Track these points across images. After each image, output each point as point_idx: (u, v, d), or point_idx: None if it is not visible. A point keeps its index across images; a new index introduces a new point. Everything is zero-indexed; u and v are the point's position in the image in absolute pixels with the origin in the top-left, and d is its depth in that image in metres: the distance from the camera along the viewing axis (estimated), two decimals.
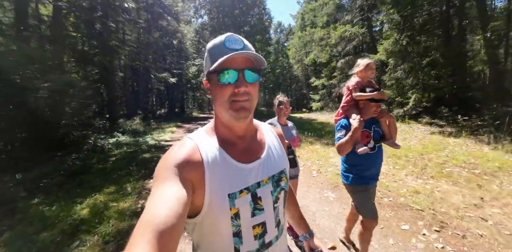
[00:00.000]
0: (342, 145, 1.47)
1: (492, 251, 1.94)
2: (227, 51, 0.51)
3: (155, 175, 0.49)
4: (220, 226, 0.53)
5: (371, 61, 1.60)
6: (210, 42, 0.56)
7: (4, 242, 2.12)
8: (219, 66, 0.50)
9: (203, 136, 0.59)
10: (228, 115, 0.55)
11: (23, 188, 3.13)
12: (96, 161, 4.48)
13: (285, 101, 2.06)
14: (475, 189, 3.02)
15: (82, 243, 2.10)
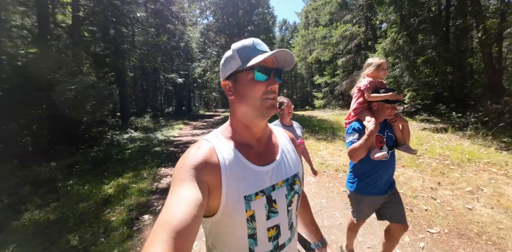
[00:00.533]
0: (355, 150, 1.33)
1: (430, 221, 2.46)
2: (260, 52, 0.55)
3: (174, 176, 0.50)
4: (235, 228, 0.54)
5: (383, 61, 1.49)
6: (236, 44, 0.57)
7: (52, 210, 2.81)
8: (260, 63, 0.53)
9: (220, 138, 0.59)
10: (257, 113, 0.57)
11: (60, 172, 3.85)
12: (114, 153, 5.21)
13: (285, 101, 2.03)
14: (437, 176, 3.51)
15: (112, 211, 2.76)
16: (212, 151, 0.55)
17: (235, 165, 0.55)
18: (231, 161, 0.55)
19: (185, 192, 0.45)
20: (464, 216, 2.45)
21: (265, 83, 0.55)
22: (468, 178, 3.36)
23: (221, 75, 0.61)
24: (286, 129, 1.93)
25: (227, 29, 17.54)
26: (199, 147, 0.55)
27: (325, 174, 3.95)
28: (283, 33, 47.38)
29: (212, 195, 0.51)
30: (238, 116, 0.61)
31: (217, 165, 0.53)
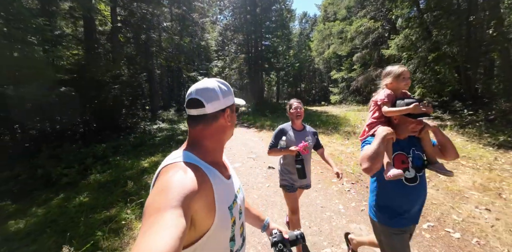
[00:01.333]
0: (366, 157, 1.08)
1: None
2: (242, 100, 0.80)
3: (158, 198, 0.46)
4: (223, 236, 0.60)
5: (404, 69, 1.23)
6: (225, 83, 0.71)
7: (108, 175, 4.06)
8: (237, 104, 0.75)
9: (196, 159, 0.61)
10: (230, 135, 0.73)
11: (109, 151, 5.19)
12: (147, 139, 6.55)
13: (295, 103, 1.91)
14: None
15: (148, 177, 3.93)
16: (202, 173, 0.57)
17: (219, 182, 0.61)
18: (215, 179, 0.60)
19: (172, 220, 0.42)
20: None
21: None
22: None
23: (221, 104, 0.65)
24: (296, 134, 1.84)
25: (244, 27, 18.30)
26: (186, 171, 0.54)
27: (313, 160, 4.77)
28: (303, 26, 46.44)
29: (204, 217, 0.53)
30: (223, 138, 0.69)
31: (210, 186, 0.57)
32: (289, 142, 1.85)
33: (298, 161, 1.75)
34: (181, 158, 0.59)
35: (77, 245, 2.05)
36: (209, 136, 0.66)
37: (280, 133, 1.91)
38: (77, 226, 2.47)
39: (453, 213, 2.57)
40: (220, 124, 0.66)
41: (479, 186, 3.14)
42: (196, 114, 0.64)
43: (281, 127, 1.94)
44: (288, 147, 1.80)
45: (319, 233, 2.34)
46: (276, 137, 1.92)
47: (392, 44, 11.58)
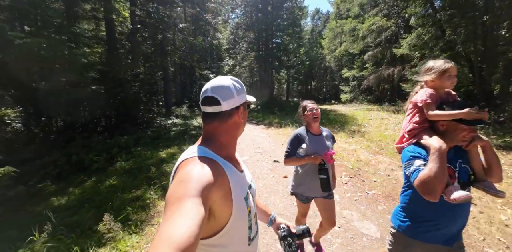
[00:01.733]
0: (431, 180, 0.88)
1: (382, 190, 3.48)
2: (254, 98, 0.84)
3: (178, 189, 0.49)
4: (242, 225, 0.65)
5: (451, 65, 1.08)
6: (238, 81, 0.73)
7: (131, 163, 4.58)
8: (251, 101, 0.80)
9: (212, 154, 0.65)
10: (241, 133, 0.76)
11: (131, 142, 5.75)
12: (163, 133, 7.10)
13: (310, 104, 1.73)
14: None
15: (166, 166, 4.40)
16: (218, 166, 0.61)
17: (234, 174, 0.65)
18: (231, 172, 0.64)
19: (192, 208, 0.44)
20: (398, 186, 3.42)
21: None
22: None
23: (236, 101, 0.69)
24: (314, 140, 1.65)
25: (255, 25, 18.53)
26: (203, 165, 0.57)
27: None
28: (315, 23, 45.82)
29: (222, 207, 0.57)
30: (236, 134, 0.74)
31: (226, 178, 0.61)
32: (309, 150, 1.63)
33: (322, 170, 1.54)
34: (197, 153, 0.63)
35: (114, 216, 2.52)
36: (224, 132, 0.69)
37: (297, 139, 1.69)
38: (110, 202, 2.95)
39: None
40: (234, 121, 0.70)
41: None
42: (211, 111, 0.67)
43: (297, 133, 1.72)
44: (308, 155, 1.61)
45: (315, 216, 2.68)
46: (292, 144, 1.70)
47: (404, 43, 11.47)
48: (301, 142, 1.68)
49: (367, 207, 2.88)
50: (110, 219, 2.20)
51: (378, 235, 2.31)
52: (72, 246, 2.06)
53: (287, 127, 8.51)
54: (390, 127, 7.87)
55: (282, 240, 0.81)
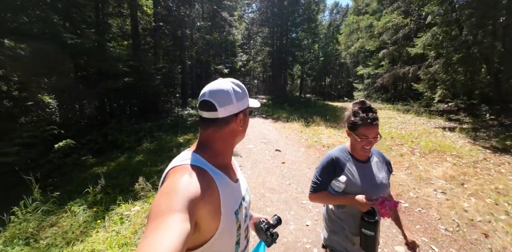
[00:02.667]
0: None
1: None
2: (258, 102, 0.77)
3: (162, 201, 0.46)
4: (229, 241, 0.60)
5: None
6: (239, 85, 0.68)
7: (155, 144, 5.39)
8: (254, 108, 0.74)
9: (203, 162, 0.61)
10: (240, 140, 0.71)
11: (153, 128, 6.60)
12: (181, 122, 7.92)
13: (366, 128, 1.00)
14: (396, 158, 4.79)
15: (184, 148, 5.16)
16: (209, 177, 0.57)
17: (225, 186, 0.60)
18: (222, 183, 0.59)
19: (176, 224, 0.41)
20: None
21: None
22: (416, 160, 4.55)
23: (234, 108, 0.63)
24: (361, 169, 1.09)
25: (270, 20, 18.76)
26: (192, 175, 0.53)
27: (314, 147, 5.62)
28: (334, 17, 44.71)
29: (209, 222, 0.53)
30: (234, 142, 0.69)
31: (217, 192, 0.56)
32: (351, 185, 1.07)
33: (369, 224, 0.98)
34: (189, 160, 0.59)
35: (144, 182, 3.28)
36: (219, 139, 0.65)
37: (332, 166, 1.12)
38: (140, 172, 3.73)
39: (411, 192, 3.31)
40: (232, 128, 0.65)
41: (448, 177, 3.76)
42: (207, 117, 0.63)
43: (332, 156, 1.14)
44: (349, 194, 1.05)
45: (301, 192, 3.29)
46: (323, 172, 1.14)
47: (418, 42, 11.34)
48: (338, 171, 1.10)
49: None
50: (143, 181, 2.95)
51: None
52: (117, 197, 2.84)
53: (293, 122, 9.02)
54: (394, 125, 8.14)
55: (265, 232, 0.85)
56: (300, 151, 5.35)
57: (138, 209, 2.68)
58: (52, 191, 2.75)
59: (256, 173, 4.00)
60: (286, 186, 3.48)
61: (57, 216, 2.50)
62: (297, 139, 6.42)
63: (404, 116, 10.78)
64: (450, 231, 2.42)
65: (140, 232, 2.25)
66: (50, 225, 2.41)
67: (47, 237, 2.24)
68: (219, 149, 0.66)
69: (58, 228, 2.38)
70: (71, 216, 2.55)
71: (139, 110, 8.36)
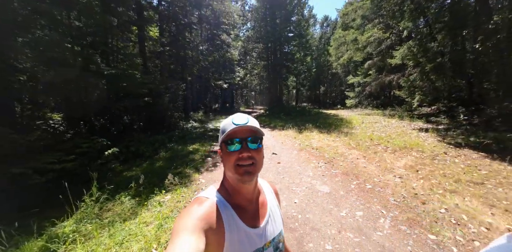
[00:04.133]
0: None
1: (343, 170, 4.93)
2: (233, 125, 0.63)
3: (176, 226, 0.53)
4: None
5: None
6: (222, 122, 0.68)
7: (169, 153, 6.33)
8: (227, 136, 0.63)
9: (218, 196, 0.64)
10: (235, 178, 0.63)
11: (165, 140, 7.56)
12: (187, 134, 8.90)
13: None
14: (371, 154, 5.75)
15: (194, 155, 6.10)
16: (215, 208, 0.60)
17: (233, 224, 0.60)
18: (230, 220, 0.60)
19: (189, 241, 0.47)
20: (359, 168, 4.85)
21: (236, 153, 0.62)
22: (386, 156, 5.51)
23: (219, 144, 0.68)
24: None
25: (264, 37, 20.43)
26: (202, 203, 0.59)
27: (305, 150, 6.57)
28: (324, 30, 47.32)
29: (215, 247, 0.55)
30: (227, 179, 0.68)
31: (221, 220, 0.59)
32: None
33: None
34: (207, 193, 0.66)
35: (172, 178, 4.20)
36: (224, 175, 0.69)
37: None
38: (163, 174, 4.65)
39: (376, 178, 4.25)
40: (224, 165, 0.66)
41: (408, 166, 4.72)
42: None
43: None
44: None
45: (292, 182, 4.21)
46: None
47: (397, 54, 12.71)
48: None
49: (328, 178, 4.37)
50: (172, 177, 3.88)
51: (327, 190, 3.81)
52: (153, 189, 3.77)
53: (288, 129, 10.03)
54: (376, 129, 9.16)
55: None
56: (293, 153, 6.30)
57: (169, 197, 3.60)
58: (105, 186, 3.67)
59: None
60: (280, 179, 4.41)
61: (112, 204, 3.42)
62: (291, 144, 7.40)
63: (389, 120, 11.82)
64: (398, 201, 3.34)
65: (175, 211, 3.15)
66: (108, 209, 3.33)
67: (107, 217, 3.15)
68: (225, 185, 0.69)
69: (113, 212, 3.29)
70: (120, 204, 3.47)
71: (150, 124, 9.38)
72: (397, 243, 2.46)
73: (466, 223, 2.75)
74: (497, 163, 4.83)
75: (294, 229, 2.75)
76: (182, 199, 3.53)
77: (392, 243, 2.44)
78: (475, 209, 3.02)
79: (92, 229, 2.70)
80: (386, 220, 2.89)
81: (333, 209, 3.19)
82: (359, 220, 2.91)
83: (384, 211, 3.09)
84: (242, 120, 0.65)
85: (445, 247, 2.38)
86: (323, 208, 3.23)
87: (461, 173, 4.26)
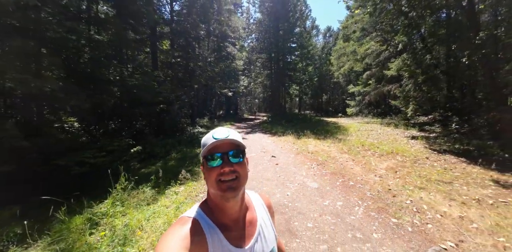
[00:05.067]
0: None
1: (332, 171, 5.59)
2: (213, 139, 0.61)
3: (158, 248, 0.52)
4: None
5: None
6: (203, 137, 0.66)
7: (179, 155, 7.09)
8: (207, 152, 0.61)
9: (201, 215, 0.62)
10: (217, 196, 0.61)
11: (176, 143, 8.33)
12: (194, 138, 9.68)
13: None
14: (357, 156, 6.39)
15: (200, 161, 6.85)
16: (198, 226, 0.59)
17: (218, 244, 0.59)
18: (215, 240, 0.59)
19: None
20: (346, 169, 5.50)
21: (218, 168, 0.60)
22: (372, 159, 6.14)
23: None
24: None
25: (267, 48, 21.59)
26: (185, 223, 0.58)
27: (301, 154, 7.25)
28: (327, 40, 48.81)
29: None
30: (211, 197, 0.65)
31: (205, 240, 0.57)
32: None
33: None
34: (191, 213, 0.63)
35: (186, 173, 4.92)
36: (207, 192, 0.66)
37: None
38: (175, 171, 5.39)
39: (359, 177, 4.89)
40: None
41: (389, 168, 5.35)
42: None
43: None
44: None
45: (287, 180, 4.88)
46: None
47: (393, 66, 13.50)
48: None
49: (318, 177, 5.03)
50: (185, 172, 4.61)
51: (316, 186, 4.47)
52: (169, 181, 4.50)
53: (288, 135, 10.73)
54: (370, 136, 9.79)
55: None
56: (291, 157, 6.98)
57: (183, 188, 4.32)
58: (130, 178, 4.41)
59: (256, 170, 5.62)
60: (277, 177, 5.09)
61: (136, 192, 4.15)
62: (289, 148, 8.08)
63: (385, 128, 12.43)
64: (373, 195, 3.99)
65: (188, 199, 3.86)
66: (133, 196, 4.06)
67: (134, 202, 3.87)
68: (210, 204, 0.66)
69: (138, 198, 4.01)
70: (143, 192, 4.20)
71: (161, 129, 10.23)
72: (365, 224, 3.11)
73: (425, 211, 3.38)
74: (471, 167, 5.43)
75: (284, 213, 3.43)
76: (193, 190, 4.25)
77: (361, 224, 3.10)
78: (436, 201, 3.65)
79: (124, 209, 3.43)
80: (360, 208, 3.54)
81: (318, 200, 3.85)
82: (338, 208, 3.57)
83: (360, 202, 3.74)
84: (223, 133, 0.63)
85: (403, 227, 3.02)
86: (310, 199, 3.90)
87: (435, 174, 4.88)
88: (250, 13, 23.81)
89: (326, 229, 2.98)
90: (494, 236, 2.78)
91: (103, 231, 2.85)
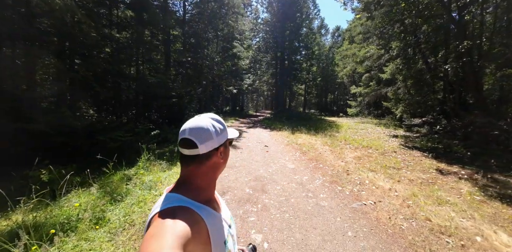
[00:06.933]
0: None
1: (310, 157, 6.82)
2: (237, 132, 0.83)
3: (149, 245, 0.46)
4: None
5: None
6: (219, 120, 0.74)
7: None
8: (234, 138, 0.79)
9: (188, 201, 0.63)
10: (223, 167, 0.74)
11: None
12: None
13: None
14: (336, 148, 7.57)
15: None
16: (194, 214, 0.58)
17: (211, 219, 0.62)
18: (209, 217, 0.61)
19: None
20: (322, 157, 6.70)
21: None
22: (347, 151, 7.31)
23: (215, 143, 0.67)
24: None
25: (273, 48, 22.65)
26: (175, 214, 0.55)
27: (290, 145, 8.48)
28: (336, 39, 49.09)
29: None
30: (216, 175, 0.71)
31: (204, 226, 0.58)
32: None
33: None
34: (170, 204, 0.59)
35: None
36: (202, 174, 0.67)
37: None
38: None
39: (329, 162, 6.10)
40: (214, 161, 0.68)
41: (355, 157, 6.53)
42: (188, 154, 0.65)
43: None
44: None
45: (272, 162, 6.15)
46: None
47: (387, 70, 14.39)
48: None
49: (297, 161, 6.27)
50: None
51: (292, 167, 5.72)
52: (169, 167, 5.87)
53: (284, 131, 11.95)
54: (358, 134, 10.88)
55: None
56: (280, 147, 8.24)
57: None
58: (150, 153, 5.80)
59: (250, 155, 6.91)
60: (264, 160, 6.36)
61: (154, 163, 5.54)
62: (282, 141, 9.33)
63: (376, 128, 13.42)
64: (333, 173, 5.21)
65: None
66: (154, 165, 5.44)
67: (153, 169, 5.24)
68: (202, 184, 0.68)
69: (157, 168, 5.39)
70: (159, 164, 5.57)
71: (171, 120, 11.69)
72: (318, 189, 4.35)
73: (365, 184, 4.59)
74: (428, 160, 6.54)
75: (262, 181, 4.71)
76: None
77: (315, 189, 4.34)
78: (378, 179, 4.85)
79: (148, 172, 4.81)
80: (319, 181, 4.78)
81: (291, 175, 5.12)
82: (303, 180, 4.82)
83: (321, 177, 4.98)
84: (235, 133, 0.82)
85: (343, 192, 4.24)
86: (285, 174, 5.16)
87: (392, 163, 6.03)
88: (258, 13, 24.79)
89: (288, 190, 4.25)
90: (405, 200, 3.97)
91: (135, 183, 4.23)
